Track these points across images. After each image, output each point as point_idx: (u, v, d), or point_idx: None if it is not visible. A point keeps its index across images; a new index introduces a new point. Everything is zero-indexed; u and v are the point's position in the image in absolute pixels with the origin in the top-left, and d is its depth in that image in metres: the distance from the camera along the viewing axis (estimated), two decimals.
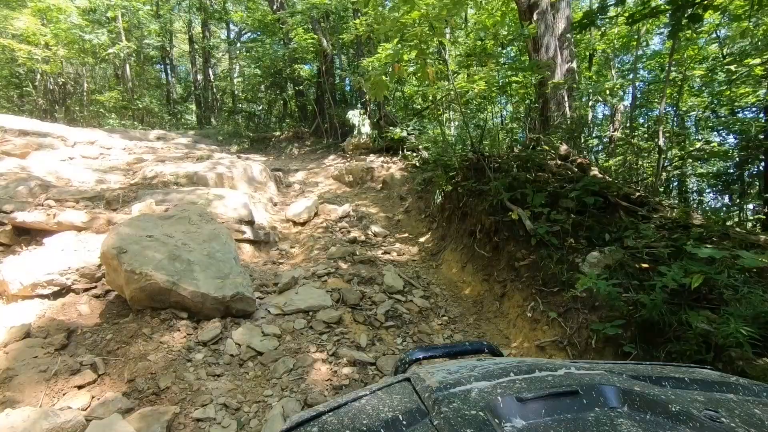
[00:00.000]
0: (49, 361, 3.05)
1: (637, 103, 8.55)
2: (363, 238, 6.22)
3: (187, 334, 3.40)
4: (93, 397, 2.82)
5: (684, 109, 8.40)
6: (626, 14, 4.10)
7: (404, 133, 9.79)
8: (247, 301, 3.77)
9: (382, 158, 10.24)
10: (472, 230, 4.87)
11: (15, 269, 3.89)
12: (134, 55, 17.91)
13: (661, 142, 5.75)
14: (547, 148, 5.90)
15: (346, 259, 5.30)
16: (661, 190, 7.10)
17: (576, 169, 5.19)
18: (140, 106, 17.90)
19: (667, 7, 3.58)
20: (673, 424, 0.72)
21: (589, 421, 0.73)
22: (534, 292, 3.63)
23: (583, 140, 7.49)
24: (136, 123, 17.27)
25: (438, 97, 7.21)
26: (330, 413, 0.89)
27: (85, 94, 17.55)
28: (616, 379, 0.87)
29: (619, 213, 3.95)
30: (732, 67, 6.23)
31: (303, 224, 7.08)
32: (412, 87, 12.02)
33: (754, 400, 0.83)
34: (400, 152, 9.91)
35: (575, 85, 8.07)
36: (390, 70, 5.12)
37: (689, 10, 3.70)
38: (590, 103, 9.33)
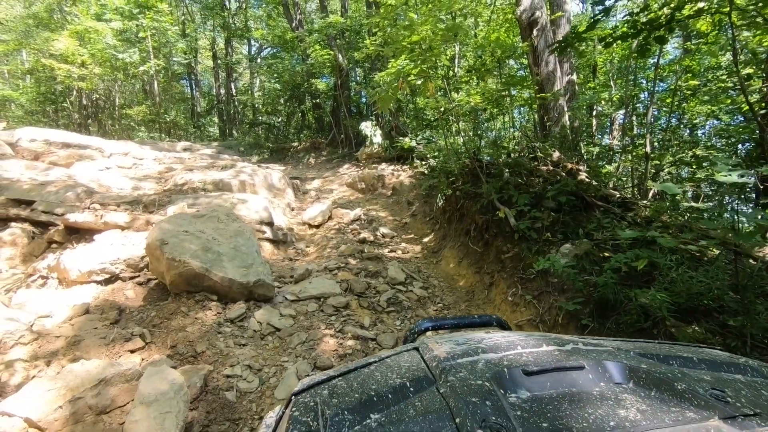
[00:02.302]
0: (106, 331, 3.70)
1: (639, 112, 8.96)
2: (372, 238, 6.80)
3: (217, 313, 4.03)
4: (143, 359, 3.45)
5: (687, 116, 8.75)
6: (599, 36, 4.61)
7: (413, 143, 10.38)
8: (267, 287, 4.37)
9: (392, 167, 10.84)
10: (468, 229, 5.40)
11: (73, 260, 4.60)
12: (162, 71, 19.08)
13: (648, 148, 6.21)
14: (541, 155, 6.40)
15: (355, 256, 5.89)
16: (655, 192, 7.47)
17: (565, 174, 5.67)
18: (167, 119, 19.00)
19: (631, 32, 4.09)
20: (678, 402, 0.71)
21: (594, 396, 0.74)
22: (516, 280, 4.14)
23: (581, 148, 7.95)
24: (163, 135, 18.37)
25: (446, 109, 7.79)
26: (340, 378, 0.93)
27: (116, 108, 18.77)
28: (623, 356, 0.88)
29: (595, 212, 4.43)
30: (725, 77, 6.66)
31: (317, 227, 7.71)
32: (423, 100, 12.65)
33: (762, 382, 0.82)
34: (410, 161, 10.50)
35: (574, 96, 8.55)
36: (395, 85, 5.72)
37: (655, 33, 4.21)
38: (594, 113, 9.76)
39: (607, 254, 3.56)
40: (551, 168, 6.10)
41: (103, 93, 19.08)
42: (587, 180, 5.69)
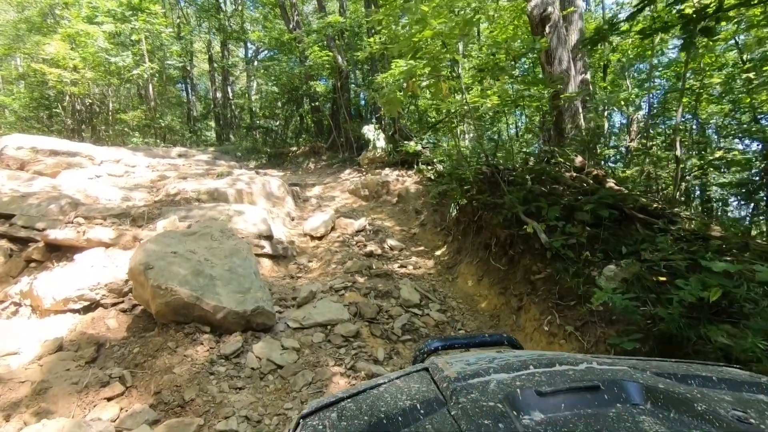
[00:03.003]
0: (80, 373, 3.18)
1: (654, 112, 8.50)
2: (379, 251, 6.29)
3: (210, 348, 3.51)
4: (122, 409, 2.94)
5: (703, 117, 8.31)
6: (638, 28, 4.13)
7: (419, 147, 9.88)
8: (267, 315, 3.86)
9: (397, 172, 10.34)
10: (488, 243, 4.90)
11: (48, 285, 4.08)
12: (157, 75, 18.54)
13: (678, 151, 5.72)
14: (561, 160, 5.91)
15: (362, 273, 5.38)
16: (682, 200, 6.99)
17: (591, 181, 5.18)
18: (162, 124, 18.46)
19: (678, 21, 3.61)
20: (698, 424, 0.69)
21: (610, 417, 0.72)
22: (550, 306, 3.63)
23: (598, 151, 7.47)
24: (158, 141, 17.81)
25: (452, 111, 7.30)
26: (349, 399, 0.91)
27: (110, 113, 18.23)
28: (640, 376, 0.85)
29: (636, 225, 3.93)
30: (751, 75, 6.18)
31: (320, 238, 7.20)
32: (426, 101, 12.15)
33: None
34: (415, 166, 10.00)
35: (589, 97, 8.08)
36: (404, 86, 5.23)
37: (702, 23, 3.73)
38: (606, 113, 9.31)
39: (661, 278, 3.06)
40: (574, 174, 5.61)
41: (98, 98, 18.52)
42: (617, 187, 5.21)
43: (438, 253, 6.11)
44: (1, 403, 2.87)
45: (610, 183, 5.29)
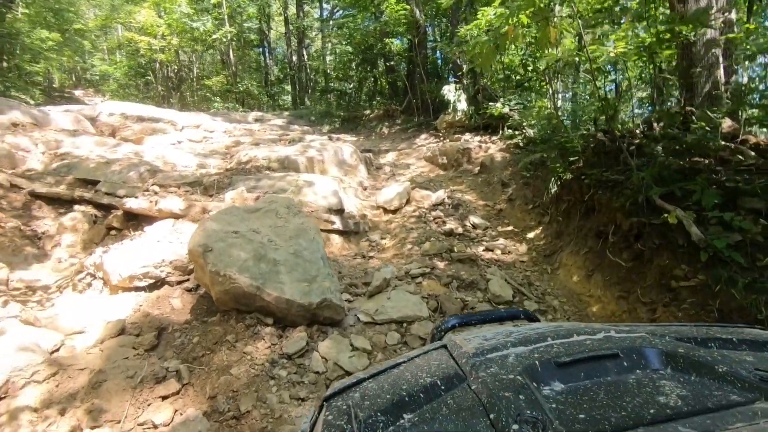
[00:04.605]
0: (137, 364, 2.94)
1: None
2: (460, 230, 5.55)
3: (272, 344, 3.10)
4: (176, 411, 2.63)
5: None
6: None
7: (506, 109, 8.71)
8: (335, 308, 3.37)
9: (479, 137, 9.31)
10: (601, 231, 3.93)
11: (116, 260, 3.94)
12: (235, 39, 18.68)
13: None
14: (703, 124, 4.61)
15: (442, 257, 4.71)
16: None
17: (753, 153, 3.92)
18: (240, 89, 18.74)
19: None
20: (720, 385, 0.68)
21: (631, 384, 0.71)
22: None
23: (747, 111, 5.88)
24: (237, 105, 18.16)
25: (553, 62, 6.08)
26: (370, 380, 0.91)
27: (195, 79, 18.85)
28: (658, 341, 0.83)
29: None
30: None
31: (394, 212, 6.60)
32: (513, 55, 10.70)
33: None
34: (500, 131, 8.89)
35: (737, 42, 6.35)
36: (504, 31, 4.25)
37: None
38: (752, 63, 7.39)
39: None
40: (723, 143, 4.33)
41: (186, 64, 19.19)
42: None
43: (531, 235, 5.21)
44: (59, 393, 2.69)
45: None
